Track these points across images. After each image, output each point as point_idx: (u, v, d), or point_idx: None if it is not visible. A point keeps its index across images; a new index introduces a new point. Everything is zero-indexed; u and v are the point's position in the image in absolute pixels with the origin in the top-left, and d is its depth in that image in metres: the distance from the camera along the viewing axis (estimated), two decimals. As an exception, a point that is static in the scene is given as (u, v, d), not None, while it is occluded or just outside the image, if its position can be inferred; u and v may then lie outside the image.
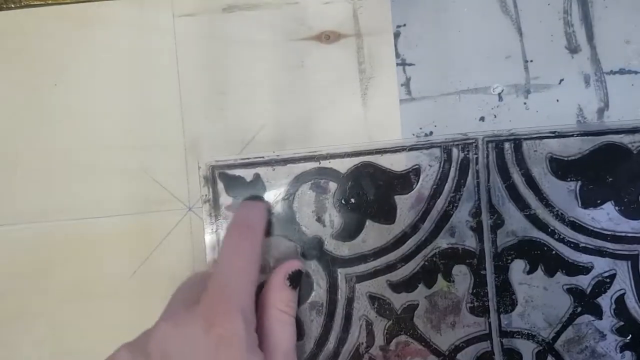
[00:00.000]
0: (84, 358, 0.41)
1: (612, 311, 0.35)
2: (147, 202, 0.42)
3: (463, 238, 0.35)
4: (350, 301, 0.35)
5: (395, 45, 0.44)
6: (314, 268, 0.35)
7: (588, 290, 0.35)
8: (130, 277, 0.42)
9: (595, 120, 0.43)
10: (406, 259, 0.35)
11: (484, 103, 0.43)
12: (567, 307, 0.35)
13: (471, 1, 0.44)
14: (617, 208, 0.35)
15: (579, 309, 0.35)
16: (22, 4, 0.44)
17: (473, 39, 0.44)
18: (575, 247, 0.35)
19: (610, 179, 0.35)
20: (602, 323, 0.35)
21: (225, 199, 0.36)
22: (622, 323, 0.35)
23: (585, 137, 0.36)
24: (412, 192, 0.35)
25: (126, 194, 0.42)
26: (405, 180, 0.35)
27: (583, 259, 0.35)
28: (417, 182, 0.35)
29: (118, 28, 0.43)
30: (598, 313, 0.35)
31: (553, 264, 0.35)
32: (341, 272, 0.35)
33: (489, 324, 0.35)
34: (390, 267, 0.35)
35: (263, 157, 0.36)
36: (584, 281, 0.35)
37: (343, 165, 0.36)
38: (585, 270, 0.35)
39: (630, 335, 0.35)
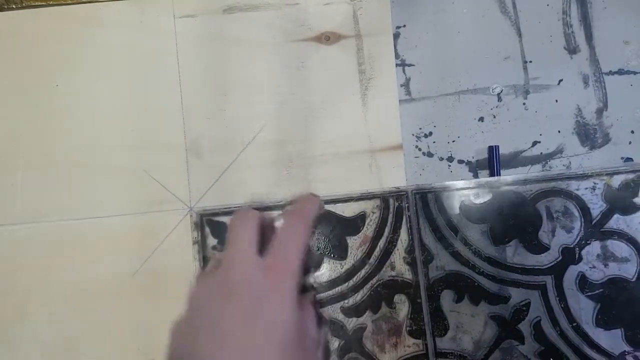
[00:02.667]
0: (84, 357, 0.41)
1: (532, 336, 0.40)
2: (147, 202, 0.42)
3: (401, 271, 0.41)
4: None
5: (395, 46, 0.44)
6: None
7: (509, 318, 0.40)
8: (130, 277, 0.42)
9: (594, 121, 0.43)
10: (356, 288, 0.41)
11: (483, 103, 0.43)
12: (492, 333, 0.40)
13: (470, 2, 0.44)
14: (522, 245, 0.41)
15: (503, 334, 0.40)
16: (24, 4, 0.44)
17: (472, 39, 0.44)
18: (493, 279, 0.41)
19: (513, 222, 0.41)
20: (525, 347, 0.40)
21: (211, 240, 0.42)
22: (542, 348, 0.40)
23: (488, 188, 0.41)
24: (359, 233, 0.41)
25: (126, 194, 0.42)
26: (354, 224, 0.42)
27: (501, 289, 0.40)
28: (363, 225, 0.41)
29: (119, 29, 0.44)
30: (520, 338, 0.40)
31: (477, 294, 0.40)
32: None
33: (426, 345, 0.40)
34: (343, 296, 0.41)
35: (240, 207, 0.42)
36: (505, 309, 0.40)
37: None
38: (505, 299, 0.40)
39: (552, 359, 0.40)
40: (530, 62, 0.44)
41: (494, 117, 0.43)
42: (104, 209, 0.42)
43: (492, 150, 0.42)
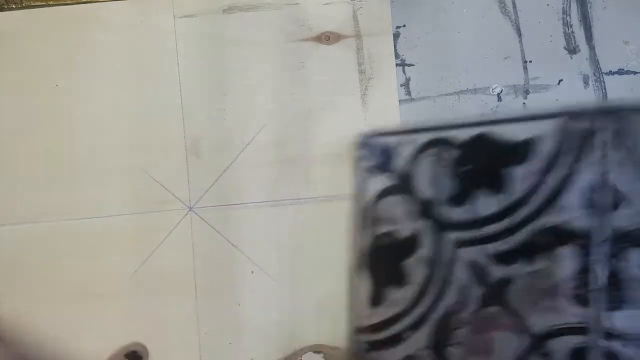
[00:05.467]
0: (83, 357, 0.41)
1: None
2: (147, 202, 0.42)
3: (573, 217, 0.31)
4: (451, 263, 0.34)
5: (395, 46, 0.44)
6: (424, 227, 0.36)
7: None
8: (130, 277, 0.42)
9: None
10: (510, 231, 0.33)
11: (482, 103, 0.43)
12: None
13: (470, 2, 0.44)
14: None
15: None
16: (23, 4, 0.44)
17: (472, 39, 0.44)
18: None
19: None
20: None
21: (366, 162, 0.39)
22: None
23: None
24: (524, 163, 0.33)
25: (126, 194, 0.42)
26: (519, 152, 0.33)
27: None
28: (531, 153, 0.33)
29: (119, 29, 0.44)
30: None
31: None
32: (447, 235, 0.35)
33: (591, 318, 0.31)
34: (493, 237, 0.33)
35: (398, 129, 0.38)
36: None
37: (461, 136, 0.36)
38: None
39: None
40: (530, 62, 0.44)
41: (494, 117, 0.43)
42: (104, 209, 0.42)
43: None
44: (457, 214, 0.35)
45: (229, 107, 0.43)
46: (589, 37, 0.44)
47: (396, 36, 0.44)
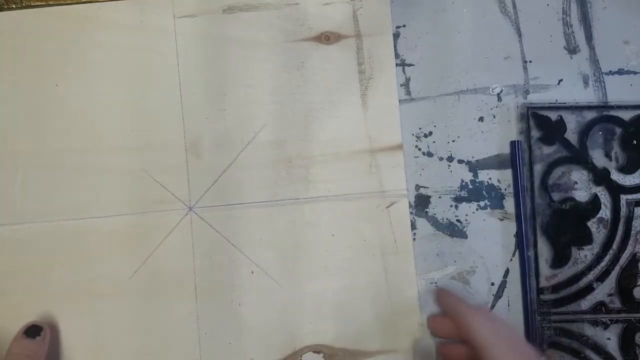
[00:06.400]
0: (84, 357, 0.41)
1: None
2: (147, 202, 0.42)
3: None
4: (629, 220, 0.42)
5: (395, 46, 0.44)
6: (602, 192, 0.42)
7: None
8: (130, 277, 0.42)
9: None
10: None
11: (483, 103, 0.43)
12: None
13: (471, 2, 0.44)
14: None
15: None
16: (23, 4, 0.44)
17: (472, 39, 0.44)
18: None
19: None
20: None
21: (535, 133, 0.43)
22: None
23: None
24: None
25: (126, 194, 0.42)
26: None
27: None
28: None
29: (119, 29, 0.44)
30: None
31: None
32: (623, 197, 0.42)
33: None
34: None
35: (565, 103, 0.43)
36: None
37: (627, 114, 0.42)
38: None
39: None
40: (530, 62, 0.44)
41: (494, 117, 0.43)
42: (104, 209, 0.42)
43: (515, 145, 0.42)
44: (629, 180, 0.42)
45: (229, 107, 0.43)
46: (589, 37, 0.44)
47: (396, 36, 0.44)
